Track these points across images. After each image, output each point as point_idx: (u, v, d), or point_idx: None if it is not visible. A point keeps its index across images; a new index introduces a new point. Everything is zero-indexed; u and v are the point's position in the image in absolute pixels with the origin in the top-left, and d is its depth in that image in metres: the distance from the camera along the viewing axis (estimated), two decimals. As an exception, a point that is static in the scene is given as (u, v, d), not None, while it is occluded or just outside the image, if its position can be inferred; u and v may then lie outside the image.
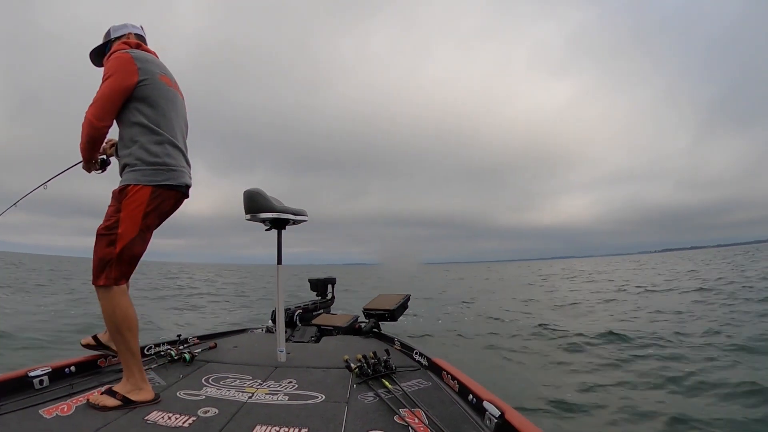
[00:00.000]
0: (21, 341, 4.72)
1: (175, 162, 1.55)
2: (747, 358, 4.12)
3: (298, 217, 2.13)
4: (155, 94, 1.51)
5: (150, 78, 1.50)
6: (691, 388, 3.34)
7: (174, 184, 1.53)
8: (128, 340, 1.43)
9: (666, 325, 6.09)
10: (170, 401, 1.44)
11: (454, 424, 1.22)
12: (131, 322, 1.45)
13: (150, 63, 1.54)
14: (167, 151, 1.52)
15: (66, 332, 5.34)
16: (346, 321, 3.13)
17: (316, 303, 3.72)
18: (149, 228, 1.51)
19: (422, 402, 1.40)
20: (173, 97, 1.60)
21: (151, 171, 1.48)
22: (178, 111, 1.62)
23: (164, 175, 1.50)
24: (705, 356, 4.22)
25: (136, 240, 1.46)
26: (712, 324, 5.93)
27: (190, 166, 1.68)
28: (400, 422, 1.24)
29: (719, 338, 5.03)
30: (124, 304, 1.44)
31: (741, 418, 2.71)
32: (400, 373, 1.76)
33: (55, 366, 1.62)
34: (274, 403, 1.44)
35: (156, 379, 1.71)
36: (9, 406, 1.32)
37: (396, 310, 3.14)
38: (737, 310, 7.10)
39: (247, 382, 1.68)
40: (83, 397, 1.42)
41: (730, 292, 9.38)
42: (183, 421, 1.25)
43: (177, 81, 1.71)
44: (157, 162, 1.49)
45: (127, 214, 1.43)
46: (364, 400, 1.47)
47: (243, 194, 2.07)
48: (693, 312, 7.19)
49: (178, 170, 1.55)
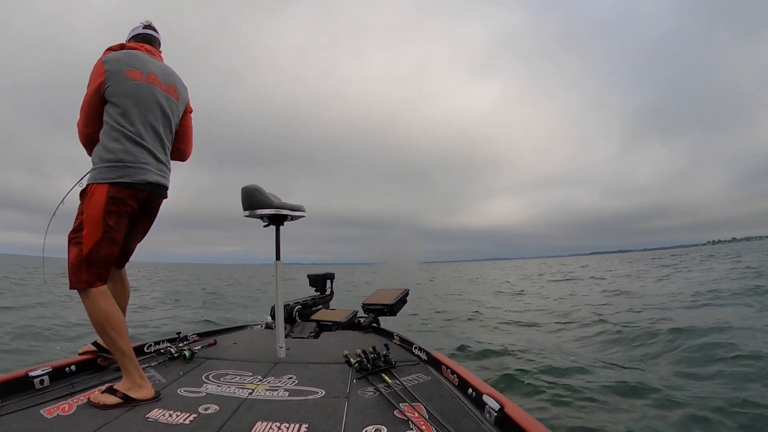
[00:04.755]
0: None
1: (131, 159, 1.47)
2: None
3: (295, 212, 2.12)
4: (118, 91, 1.48)
5: (114, 77, 1.48)
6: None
7: (129, 181, 1.46)
8: (115, 340, 1.43)
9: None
10: (171, 399, 1.44)
11: (453, 418, 1.23)
12: (114, 322, 1.44)
13: (118, 62, 1.50)
14: (124, 147, 1.46)
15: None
16: (345, 316, 3.14)
17: (315, 298, 3.72)
18: (114, 229, 1.45)
19: (422, 396, 1.41)
20: (140, 91, 1.51)
21: (105, 168, 1.44)
22: (146, 104, 1.53)
23: (118, 172, 1.44)
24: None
25: (102, 241, 1.43)
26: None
27: (163, 162, 1.61)
28: (400, 416, 1.25)
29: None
30: (103, 304, 1.43)
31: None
32: (400, 368, 1.77)
33: (55, 365, 1.62)
34: (275, 399, 1.45)
35: (156, 376, 1.71)
36: (10, 406, 1.32)
37: (395, 304, 3.15)
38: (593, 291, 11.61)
39: (247, 379, 1.68)
40: (84, 396, 1.42)
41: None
42: (184, 419, 1.25)
43: (172, 72, 1.67)
44: (111, 159, 1.45)
45: (88, 215, 1.42)
46: (364, 395, 1.47)
47: (240, 190, 2.06)
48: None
49: (135, 167, 1.47)
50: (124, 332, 1.46)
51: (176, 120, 1.70)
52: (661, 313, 6.40)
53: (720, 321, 5.25)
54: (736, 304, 6.81)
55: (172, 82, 1.67)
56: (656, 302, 7.85)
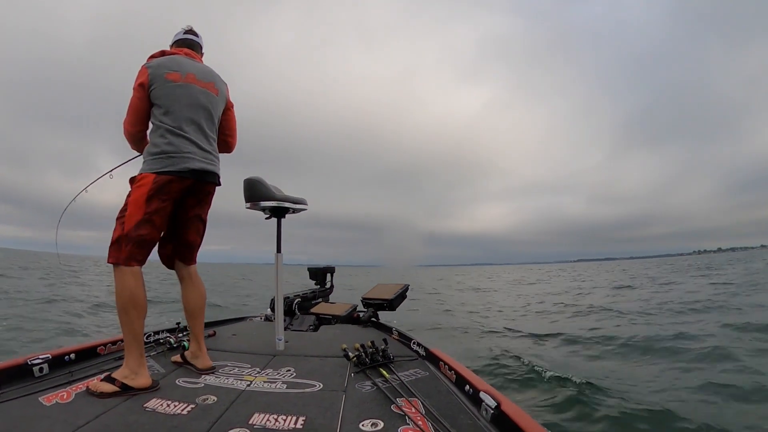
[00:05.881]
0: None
1: (175, 149, 1.61)
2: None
3: (297, 205, 2.12)
4: (161, 94, 1.64)
5: (157, 80, 1.63)
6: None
7: (173, 170, 1.59)
8: (132, 321, 1.48)
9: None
10: (169, 389, 1.45)
11: (450, 414, 1.23)
12: (137, 303, 1.49)
13: (159, 66, 1.64)
14: (168, 140, 1.62)
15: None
16: (344, 310, 3.15)
17: (315, 292, 3.73)
18: (155, 212, 1.56)
19: (419, 392, 1.41)
20: (180, 91, 1.66)
21: (152, 160, 1.60)
22: (186, 102, 1.67)
23: (163, 162, 1.59)
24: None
25: (142, 223, 1.54)
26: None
27: (208, 151, 1.72)
28: (397, 411, 1.25)
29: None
30: (132, 284, 1.50)
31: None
32: (398, 363, 1.77)
33: (54, 354, 1.63)
34: (272, 391, 1.45)
35: (155, 366, 1.72)
36: (9, 393, 1.33)
37: (394, 299, 3.15)
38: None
39: (246, 371, 1.69)
40: (83, 385, 1.43)
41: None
42: (182, 409, 1.26)
43: (208, 71, 1.78)
44: (156, 152, 1.61)
45: (133, 198, 1.57)
46: (362, 389, 1.48)
47: (243, 182, 2.05)
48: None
49: (178, 156, 1.61)
50: (142, 316, 1.52)
51: (218, 113, 1.82)
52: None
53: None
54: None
55: (211, 79, 1.78)
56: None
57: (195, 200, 1.73)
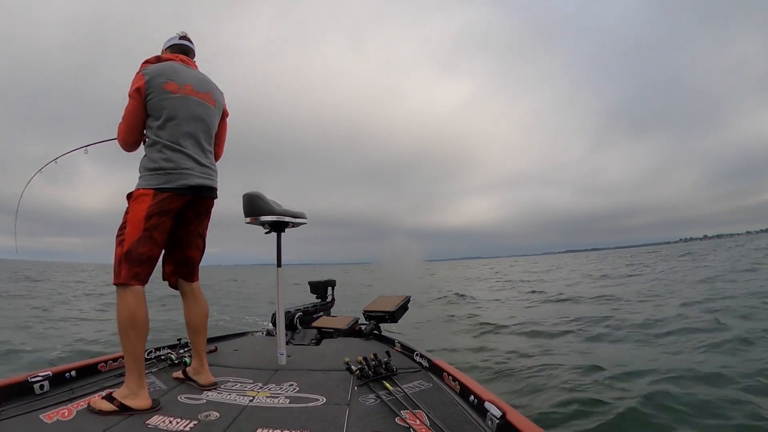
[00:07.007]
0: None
1: (173, 165, 1.58)
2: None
3: (297, 219, 2.13)
4: (158, 105, 1.60)
5: (154, 89, 1.58)
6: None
7: (171, 186, 1.57)
8: (132, 341, 1.45)
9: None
10: (171, 405, 1.44)
11: (455, 426, 1.22)
12: (138, 323, 1.47)
13: (157, 74, 1.59)
14: (165, 156, 1.59)
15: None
16: (346, 323, 3.13)
17: (316, 305, 3.71)
18: (154, 229, 1.53)
19: (423, 403, 1.40)
20: (177, 104, 1.62)
21: (149, 176, 1.57)
22: (184, 115, 1.63)
23: (161, 179, 1.56)
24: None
25: (142, 240, 1.51)
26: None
27: (206, 165, 1.70)
28: (402, 424, 1.24)
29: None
30: (132, 304, 1.47)
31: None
32: (401, 375, 1.76)
33: (55, 371, 1.62)
34: (276, 406, 1.44)
35: (156, 383, 1.70)
36: (10, 411, 1.32)
37: (396, 311, 3.13)
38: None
39: (248, 386, 1.68)
40: (84, 402, 1.42)
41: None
42: (184, 425, 1.24)
43: (205, 81, 1.75)
44: (154, 167, 1.58)
45: (132, 215, 1.54)
46: (366, 402, 1.46)
47: (242, 197, 2.07)
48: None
49: (176, 173, 1.58)
50: (143, 337, 1.49)
51: (215, 125, 1.80)
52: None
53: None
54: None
55: (208, 89, 1.75)
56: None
57: (194, 214, 1.72)
